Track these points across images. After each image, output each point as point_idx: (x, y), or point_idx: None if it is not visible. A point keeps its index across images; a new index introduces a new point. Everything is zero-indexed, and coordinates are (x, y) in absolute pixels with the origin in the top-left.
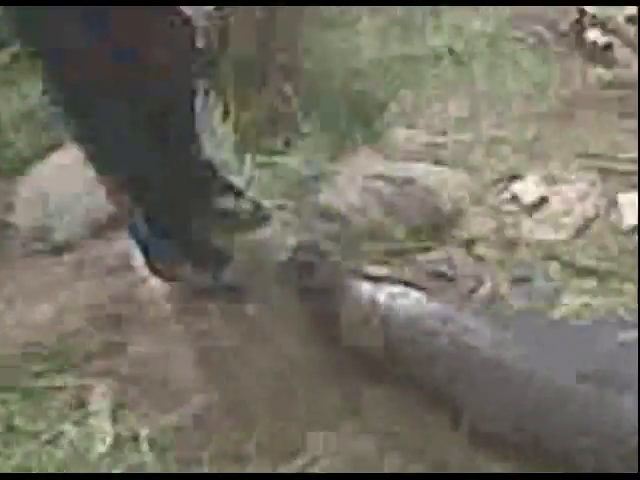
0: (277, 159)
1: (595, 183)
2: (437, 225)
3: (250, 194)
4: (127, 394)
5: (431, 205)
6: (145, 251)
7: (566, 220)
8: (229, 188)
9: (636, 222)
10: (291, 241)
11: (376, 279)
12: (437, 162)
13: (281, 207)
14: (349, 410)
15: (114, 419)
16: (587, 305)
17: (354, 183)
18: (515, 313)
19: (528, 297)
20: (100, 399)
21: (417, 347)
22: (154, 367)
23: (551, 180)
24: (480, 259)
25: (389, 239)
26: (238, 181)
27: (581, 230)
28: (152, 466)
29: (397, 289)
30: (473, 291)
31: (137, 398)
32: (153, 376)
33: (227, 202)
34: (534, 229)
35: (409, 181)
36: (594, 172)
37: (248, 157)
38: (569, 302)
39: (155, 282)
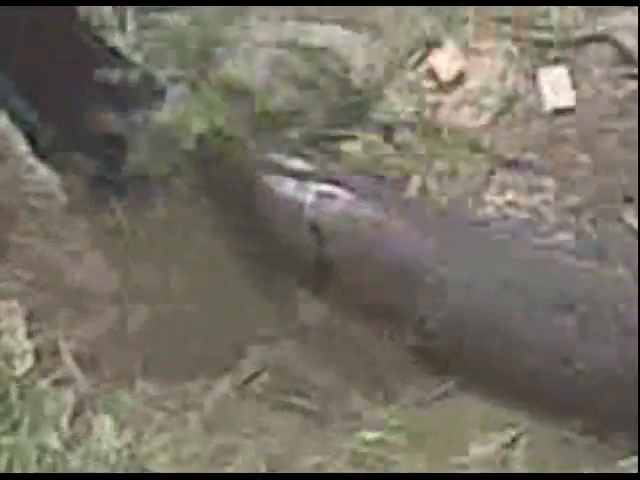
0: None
1: (513, 56)
2: (356, 105)
3: (138, 61)
4: (36, 302)
5: (347, 80)
6: (30, 136)
7: (486, 101)
8: (113, 53)
9: (558, 104)
10: (196, 126)
11: (301, 175)
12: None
13: (176, 79)
14: (284, 322)
15: (28, 332)
16: (511, 203)
17: (261, 53)
18: (440, 214)
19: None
20: (11, 314)
21: (350, 255)
22: (59, 271)
23: (468, 52)
24: (402, 147)
25: (306, 122)
26: (122, 44)
27: (501, 113)
28: (81, 383)
29: (325, 188)
30: (401, 189)
31: (47, 307)
32: (60, 281)
33: (112, 72)
34: (454, 113)
35: (321, 51)
36: (509, 41)
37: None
38: (492, 199)
39: (44, 171)
